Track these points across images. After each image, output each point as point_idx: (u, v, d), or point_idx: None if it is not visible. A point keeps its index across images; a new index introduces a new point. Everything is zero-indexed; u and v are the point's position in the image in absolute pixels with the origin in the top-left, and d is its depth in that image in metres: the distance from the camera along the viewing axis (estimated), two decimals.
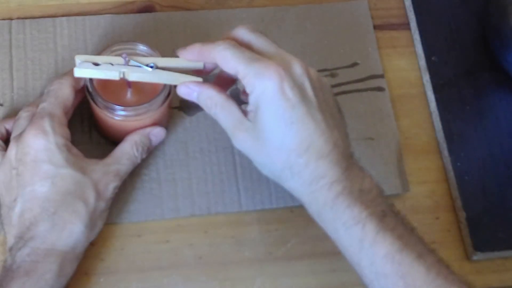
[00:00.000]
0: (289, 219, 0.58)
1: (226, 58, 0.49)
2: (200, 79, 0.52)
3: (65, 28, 0.62)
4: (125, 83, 0.53)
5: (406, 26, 0.67)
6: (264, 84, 0.47)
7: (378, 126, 0.62)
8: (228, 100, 0.51)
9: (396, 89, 0.64)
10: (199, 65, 0.52)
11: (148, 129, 0.55)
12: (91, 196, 0.52)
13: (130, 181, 0.56)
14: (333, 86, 0.63)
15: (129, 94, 0.54)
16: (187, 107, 0.61)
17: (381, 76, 0.64)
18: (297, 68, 0.49)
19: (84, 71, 0.51)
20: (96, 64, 0.51)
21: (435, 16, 0.67)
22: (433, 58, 0.65)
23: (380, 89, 0.64)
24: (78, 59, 0.51)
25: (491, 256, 0.58)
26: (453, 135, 0.62)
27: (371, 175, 0.50)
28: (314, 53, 0.64)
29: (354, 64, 0.64)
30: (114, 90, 0.54)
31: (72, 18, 0.62)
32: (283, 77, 0.47)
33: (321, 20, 0.66)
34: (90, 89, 0.52)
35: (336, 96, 0.62)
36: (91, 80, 0.53)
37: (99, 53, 0.53)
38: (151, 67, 0.52)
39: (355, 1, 0.67)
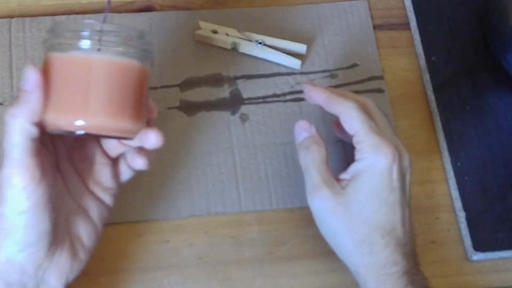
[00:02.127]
0: (289, 219, 0.58)
1: (351, 117, 0.50)
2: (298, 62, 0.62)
3: None
4: None
5: (406, 26, 0.67)
6: (378, 158, 0.49)
7: None
8: (326, 155, 0.52)
9: (396, 89, 0.64)
10: (302, 49, 0.62)
11: None
12: None
13: (130, 181, 0.56)
14: (333, 87, 0.63)
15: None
16: (187, 107, 0.60)
17: (381, 77, 0.64)
18: (406, 158, 0.51)
19: (203, 36, 0.62)
20: (215, 32, 0.61)
21: (435, 16, 0.67)
22: (433, 58, 0.65)
23: (379, 90, 0.63)
24: (201, 25, 0.62)
25: (491, 256, 0.58)
26: (453, 135, 0.62)
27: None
28: (314, 53, 0.64)
29: (354, 65, 0.64)
30: None
31: (72, 16, 0.62)
32: (396, 160, 0.49)
33: (321, 20, 0.66)
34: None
35: None
36: None
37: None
38: (260, 43, 0.58)
39: (355, 1, 0.67)
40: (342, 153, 0.60)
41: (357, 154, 0.50)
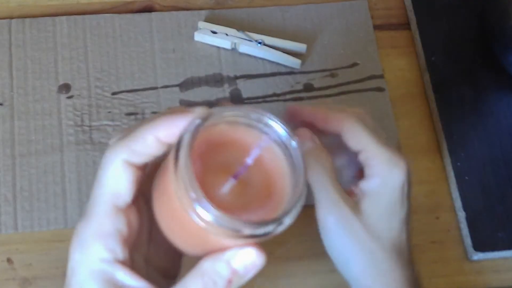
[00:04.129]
0: None
1: (356, 132, 0.45)
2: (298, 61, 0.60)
3: (65, 27, 0.62)
4: (227, 174, 0.35)
5: (406, 26, 0.67)
6: (393, 173, 0.44)
7: None
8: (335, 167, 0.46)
9: (396, 89, 0.64)
10: (301, 49, 0.61)
11: (232, 253, 0.35)
12: None
13: None
14: (333, 86, 0.63)
15: (227, 188, 0.35)
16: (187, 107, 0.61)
17: (381, 76, 0.64)
18: (409, 168, 0.46)
19: (203, 36, 0.61)
20: (214, 32, 0.59)
21: (435, 16, 0.67)
22: (433, 58, 0.65)
23: (379, 89, 0.63)
24: (200, 25, 0.62)
25: (491, 256, 0.58)
26: (453, 135, 0.62)
27: None
28: (314, 53, 0.64)
29: (354, 65, 0.64)
30: (207, 180, 0.35)
31: (72, 17, 0.62)
32: (409, 173, 0.45)
33: (321, 20, 0.66)
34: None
35: (336, 96, 0.63)
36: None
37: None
38: (260, 43, 0.56)
39: (355, 1, 0.67)
40: None
41: (368, 169, 0.45)
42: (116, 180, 0.35)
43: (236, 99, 0.61)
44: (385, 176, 0.45)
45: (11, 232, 0.55)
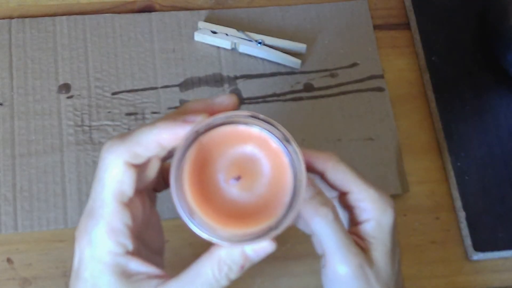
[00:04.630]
0: None
1: (342, 172, 0.42)
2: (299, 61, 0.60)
3: (65, 27, 0.62)
4: (227, 171, 0.37)
5: (406, 26, 0.67)
6: (385, 214, 0.42)
7: (378, 126, 0.62)
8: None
9: (396, 89, 0.64)
10: (301, 48, 0.61)
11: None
12: None
13: None
14: (333, 86, 0.63)
15: (234, 191, 0.37)
16: None
17: (381, 76, 0.64)
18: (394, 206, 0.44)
19: (203, 36, 0.61)
20: (214, 32, 0.59)
21: (435, 16, 0.67)
22: (433, 58, 0.65)
23: (380, 89, 0.63)
24: (200, 25, 0.62)
25: (491, 256, 0.58)
26: (453, 135, 0.62)
27: None
28: (314, 53, 0.64)
29: (354, 64, 0.64)
30: (212, 188, 0.37)
31: (72, 17, 0.62)
32: (395, 211, 0.43)
33: (321, 20, 0.66)
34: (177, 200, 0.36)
35: (336, 96, 0.63)
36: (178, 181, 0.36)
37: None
38: (260, 43, 0.56)
39: (355, 1, 0.67)
40: None
41: (361, 212, 0.43)
42: (119, 180, 0.37)
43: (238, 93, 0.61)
44: (380, 219, 0.43)
45: (11, 232, 0.55)
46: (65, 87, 0.60)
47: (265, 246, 0.37)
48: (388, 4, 0.68)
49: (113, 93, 0.60)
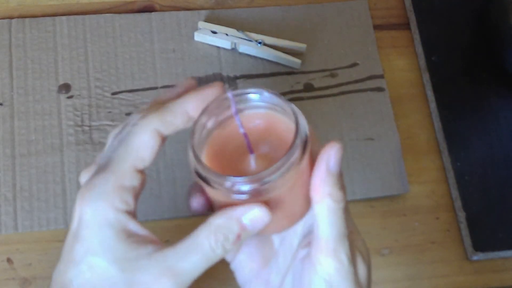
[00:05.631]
0: None
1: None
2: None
3: (65, 27, 0.62)
4: (244, 150, 0.38)
5: (406, 26, 0.67)
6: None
7: (378, 126, 0.62)
8: None
9: (396, 89, 0.64)
10: (301, 48, 0.61)
11: (239, 210, 0.37)
12: None
13: None
14: (333, 86, 0.63)
15: (251, 164, 0.38)
16: None
17: (381, 76, 0.64)
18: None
19: (203, 36, 0.61)
20: (214, 32, 0.60)
21: (435, 16, 0.67)
22: (433, 58, 0.65)
23: (380, 89, 0.63)
24: (200, 25, 0.62)
25: (491, 256, 0.58)
26: (453, 135, 0.62)
27: None
28: (314, 53, 0.64)
29: (354, 64, 0.64)
30: (228, 163, 0.38)
31: (72, 17, 0.62)
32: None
33: (321, 20, 0.66)
34: (199, 168, 0.36)
35: (336, 96, 0.63)
36: (196, 153, 0.37)
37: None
38: (260, 43, 0.57)
39: (355, 1, 0.67)
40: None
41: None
42: (143, 146, 0.38)
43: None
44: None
45: (11, 232, 0.55)
46: (65, 87, 0.60)
47: (261, 215, 0.36)
48: (388, 4, 0.68)
49: (113, 93, 0.60)
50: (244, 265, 0.43)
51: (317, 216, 0.38)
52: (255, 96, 0.38)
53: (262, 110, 0.38)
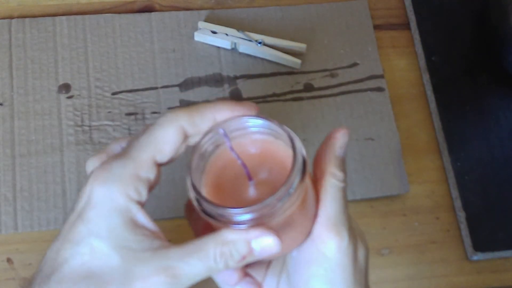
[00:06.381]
0: None
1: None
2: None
3: (65, 27, 0.62)
4: (243, 177, 0.37)
5: (406, 26, 0.67)
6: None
7: (378, 126, 0.62)
8: None
9: (396, 89, 0.64)
10: (301, 48, 0.61)
11: (252, 233, 0.36)
12: None
13: None
14: (333, 86, 0.63)
15: (250, 191, 0.38)
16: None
17: (381, 76, 0.64)
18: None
19: (203, 36, 0.62)
20: (214, 32, 0.60)
21: (435, 16, 0.67)
22: (433, 58, 0.65)
23: (380, 89, 0.63)
24: (200, 25, 0.62)
25: (491, 256, 0.58)
26: (453, 135, 0.62)
27: None
28: (314, 53, 0.64)
29: (354, 64, 0.64)
30: (228, 192, 0.38)
31: (72, 17, 0.62)
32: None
33: (321, 20, 0.66)
34: (196, 195, 0.37)
35: (336, 96, 0.63)
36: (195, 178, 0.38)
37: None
38: (260, 43, 0.57)
39: (355, 1, 0.67)
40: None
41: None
42: (166, 139, 0.38)
43: (236, 99, 0.61)
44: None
45: (11, 232, 0.55)
46: (65, 87, 0.60)
47: (270, 244, 0.36)
48: (388, 4, 0.68)
49: (113, 93, 0.60)
50: None
51: (321, 192, 0.39)
52: (251, 123, 0.38)
53: (258, 136, 0.38)
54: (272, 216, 0.35)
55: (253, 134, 0.38)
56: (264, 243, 0.36)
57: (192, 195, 0.37)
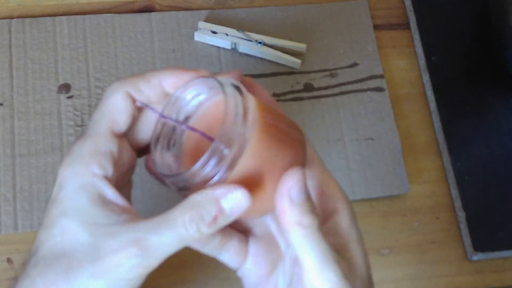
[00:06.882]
0: None
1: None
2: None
3: (65, 27, 0.62)
4: (208, 143, 0.36)
5: (406, 26, 0.67)
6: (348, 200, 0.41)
7: (378, 126, 0.62)
8: None
9: (396, 89, 0.64)
10: (301, 48, 0.62)
11: (218, 190, 0.35)
12: (85, 273, 0.35)
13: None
14: (333, 86, 0.63)
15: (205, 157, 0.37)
16: None
17: (381, 76, 0.64)
18: None
19: (203, 36, 0.61)
20: (214, 32, 0.60)
21: (435, 16, 0.67)
22: (433, 58, 0.65)
23: (380, 89, 0.63)
24: (200, 25, 0.62)
25: (491, 256, 0.58)
26: (453, 135, 0.62)
27: None
28: (314, 53, 0.64)
29: (354, 64, 0.64)
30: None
31: (72, 17, 0.62)
32: None
33: (321, 20, 0.66)
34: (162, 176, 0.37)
35: (336, 96, 0.63)
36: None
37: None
38: (260, 43, 0.57)
39: (355, 1, 0.67)
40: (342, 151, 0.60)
41: (329, 201, 0.42)
42: (116, 107, 0.39)
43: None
44: (349, 206, 0.42)
45: (11, 232, 0.55)
46: (65, 87, 0.60)
47: (240, 199, 0.35)
48: (388, 4, 0.68)
49: None
50: (251, 273, 0.43)
51: (293, 246, 0.37)
52: (195, 91, 0.38)
53: (209, 99, 0.38)
54: (230, 163, 0.34)
55: (204, 101, 0.38)
56: (233, 199, 0.35)
57: (168, 182, 0.37)
